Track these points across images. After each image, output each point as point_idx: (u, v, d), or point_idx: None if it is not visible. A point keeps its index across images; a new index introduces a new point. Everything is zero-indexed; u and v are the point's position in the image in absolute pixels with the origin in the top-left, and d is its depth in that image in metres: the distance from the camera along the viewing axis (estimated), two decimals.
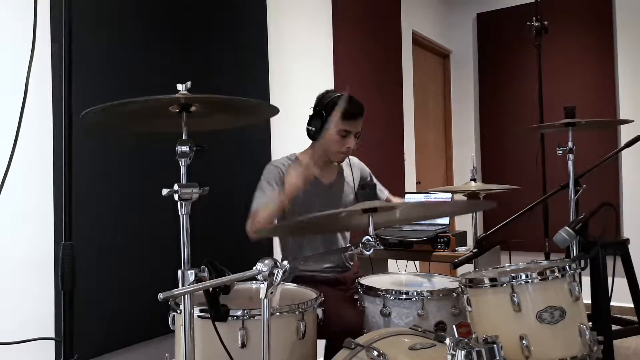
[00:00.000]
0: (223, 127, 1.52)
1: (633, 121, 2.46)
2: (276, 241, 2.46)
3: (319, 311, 1.60)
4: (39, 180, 1.80)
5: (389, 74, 3.96)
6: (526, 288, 1.54)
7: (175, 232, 1.17)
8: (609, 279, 2.46)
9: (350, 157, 2.21)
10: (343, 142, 2.02)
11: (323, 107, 2.02)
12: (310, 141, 2.14)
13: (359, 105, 2.03)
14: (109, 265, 1.95)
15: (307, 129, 2.05)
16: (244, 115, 1.45)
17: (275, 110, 1.30)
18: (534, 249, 3.28)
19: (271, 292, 1.16)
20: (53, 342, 1.77)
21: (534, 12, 3.20)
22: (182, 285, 1.15)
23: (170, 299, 1.39)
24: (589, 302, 2.34)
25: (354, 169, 2.24)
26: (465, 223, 3.93)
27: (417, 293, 1.73)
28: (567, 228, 1.76)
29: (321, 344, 1.83)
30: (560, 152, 2.37)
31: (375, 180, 2.34)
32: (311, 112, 2.07)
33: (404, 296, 1.74)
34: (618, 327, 2.81)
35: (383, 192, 2.36)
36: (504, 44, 4.87)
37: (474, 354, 1.06)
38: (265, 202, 1.92)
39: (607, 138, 4.24)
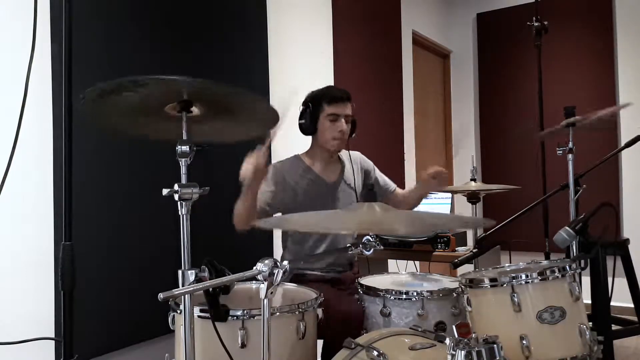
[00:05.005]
0: (224, 139, 1.51)
1: (633, 104, 2.44)
2: (276, 241, 2.46)
3: (319, 311, 1.60)
4: (39, 180, 1.80)
5: (389, 74, 3.95)
6: (526, 288, 1.54)
7: (175, 232, 1.17)
8: (609, 279, 2.46)
9: (351, 152, 2.21)
10: (334, 127, 2.07)
11: (308, 100, 2.12)
12: (310, 142, 2.15)
13: (341, 89, 2.14)
14: (109, 265, 1.95)
15: (299, 124, 2.12)
16: (245, 122, 1.42)
17: (276, 118, 1.29)
18: (534, 249, 3.27)
19: (271, 292, 1.16)
20: (53, 342, 1.77)
21: (534, 12, 3.19)
22: (182, 285, 1.15)
23: (170, 299, 1.39)
24: (589, 302, 2.34)
25: (355, 165, 2.24)
26: None
27: (417, 293, 1.73)
28: (567, 228, 1.77)
29: (321, 344, 1.83)
30: (560, 152, 2.37)
31: (378, 173, 2.33)
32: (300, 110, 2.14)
33: (404, 296, 1.74)
34: (618, 327, 2.81)
35: (389, 185, 2.33)
36: (504, 44, 4.86)
37: (474, 354, 1.06)
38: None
39: (607, 138, 4.23)
